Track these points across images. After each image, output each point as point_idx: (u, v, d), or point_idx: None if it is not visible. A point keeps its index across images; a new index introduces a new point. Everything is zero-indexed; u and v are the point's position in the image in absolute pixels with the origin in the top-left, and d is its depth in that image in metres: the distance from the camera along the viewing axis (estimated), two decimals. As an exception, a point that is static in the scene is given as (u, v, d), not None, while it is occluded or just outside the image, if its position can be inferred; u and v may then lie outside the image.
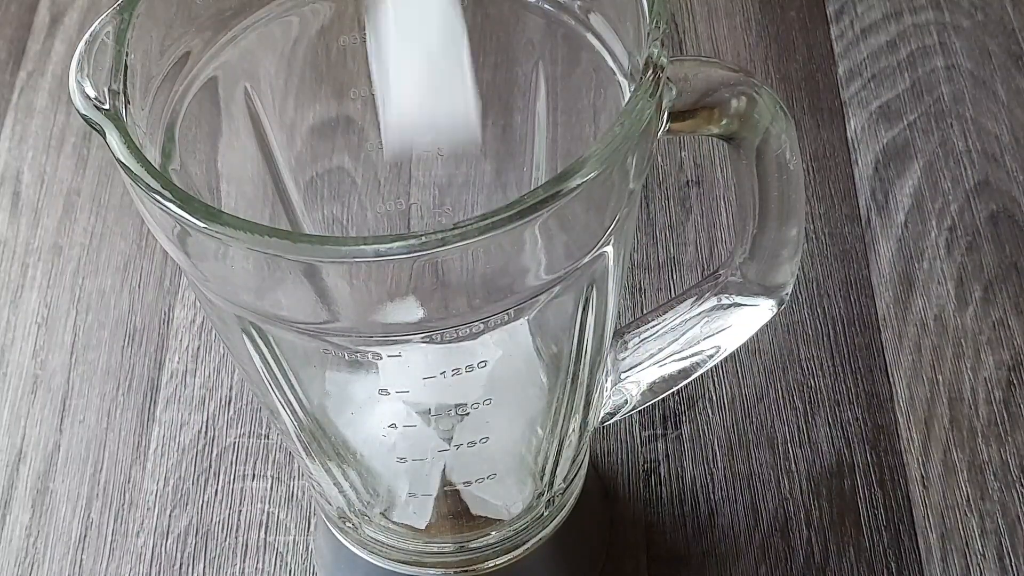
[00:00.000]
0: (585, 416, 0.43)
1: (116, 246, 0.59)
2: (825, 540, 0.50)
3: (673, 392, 0.46)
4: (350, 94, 0.43)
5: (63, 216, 0.60)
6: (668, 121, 0.37)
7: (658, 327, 0.45)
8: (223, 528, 0.51)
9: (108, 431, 0.54)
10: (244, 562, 0.51)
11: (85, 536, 0.51)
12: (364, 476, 0.43)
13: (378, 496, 0.44)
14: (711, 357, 0.45)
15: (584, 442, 0.45)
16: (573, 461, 0.45)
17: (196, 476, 0.53)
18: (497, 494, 0.44)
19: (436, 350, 0.37)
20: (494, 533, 0.45)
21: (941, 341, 0.55)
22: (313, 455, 0.42)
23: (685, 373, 0.45)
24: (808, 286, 0.57)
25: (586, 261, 0.36)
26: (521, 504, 0.45)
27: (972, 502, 0.51)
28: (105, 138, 0.34)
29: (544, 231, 0.33)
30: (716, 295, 0.44)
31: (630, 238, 0.40)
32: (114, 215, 0.60)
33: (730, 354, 0.45)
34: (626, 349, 0.45)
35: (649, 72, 0.35)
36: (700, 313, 0.45)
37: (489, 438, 0.41)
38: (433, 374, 0.38)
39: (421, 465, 0.43)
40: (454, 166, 0.46)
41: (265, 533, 0.51)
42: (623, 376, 0.45)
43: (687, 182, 0.60)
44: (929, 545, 0.50)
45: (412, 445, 0.42)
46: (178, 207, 0.33)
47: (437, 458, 0.42)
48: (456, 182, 0.46)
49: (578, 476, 0.47)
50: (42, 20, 0.67)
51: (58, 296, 0.58)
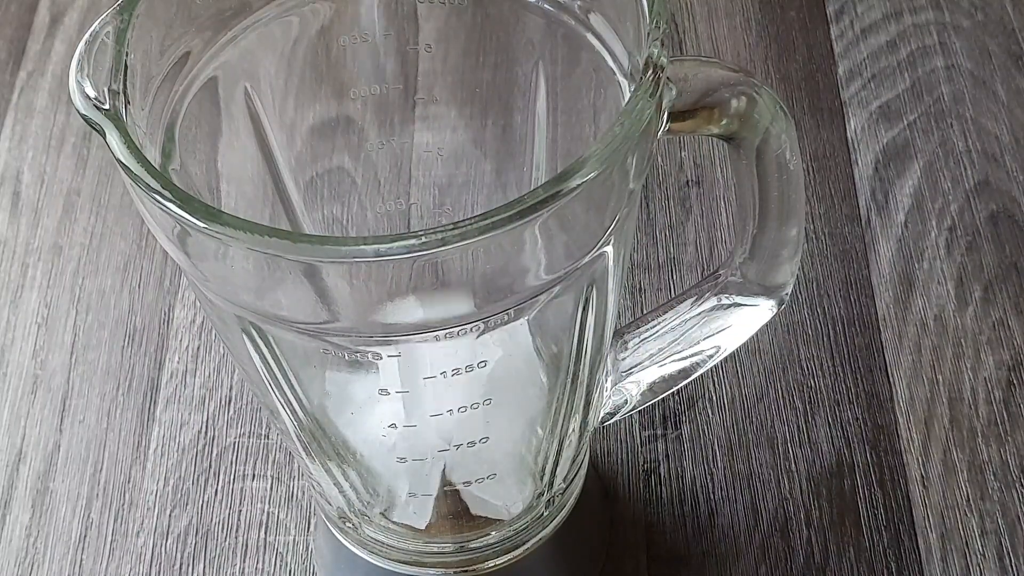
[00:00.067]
0: (585, 416, 0.43)
1: (116, 246, 0.59)
2: (825, 540, 0.50)
3: (673, 392, 0.46)
4: (350, 94, 0.43)
5: (63, 216, 0.60)
6: (668, 121, 0.37)
7: (658, 327, 0.45)
8: (223, 528, 0.51)
9: (108, 431, 0.54)
10: (244, 562, 0.51)
11: (85, 536, 0.51)
12: (364, 476, 0.43)
13: (378, 496, 0.44)
14: (711, 357, 0.45)
15: (584, 442, 0.45)
16: (573, 461, 0.45)
17: (196, 476, 0.53)
18: (497, 494, 0.44)
19: (436, 350, 0.37)
20: (494, 533, 0.45)
21: (941, 341, 0.55)
22: (313, 455, 0.42)
23: (685, 373, 0.45)
24: (808, 286, 0.57)
25: (586, 261, 0.36)
26: (521, 504, 0.45)
27: (972, 502, 0.51)
28: (105, 138, 0.34)
29: (544, 231, 0.33)
30: (716, 295, 0.44)
31: (630, 238, 0.40)
32: (114, 215, 0.60)
33: (730, 354, 0.45)
34: (626, 349, 0.45)
35: (649, 72, 0.35)
36: (700, 313, 0.45)
37: (489, 438, 0.41)
38: (433, 374, 0.38)
39: (421, 465, 0.43)
40: (454, 166, 0.46)
41: (265, 533, 0.51)
42: (623, 376, 0.45)
43: (687, 182, 0.60)
44: (929, 545, 0.50)
45: (412, 445, 0.42)
46: (178, 207, 0.33)
47: (437, 458, 0.42)
48: (456, 182, 0.46)
49: (578, 476, 0.47)
50: (42, 20, 0.67)
51: (58, 296, 0.58)
